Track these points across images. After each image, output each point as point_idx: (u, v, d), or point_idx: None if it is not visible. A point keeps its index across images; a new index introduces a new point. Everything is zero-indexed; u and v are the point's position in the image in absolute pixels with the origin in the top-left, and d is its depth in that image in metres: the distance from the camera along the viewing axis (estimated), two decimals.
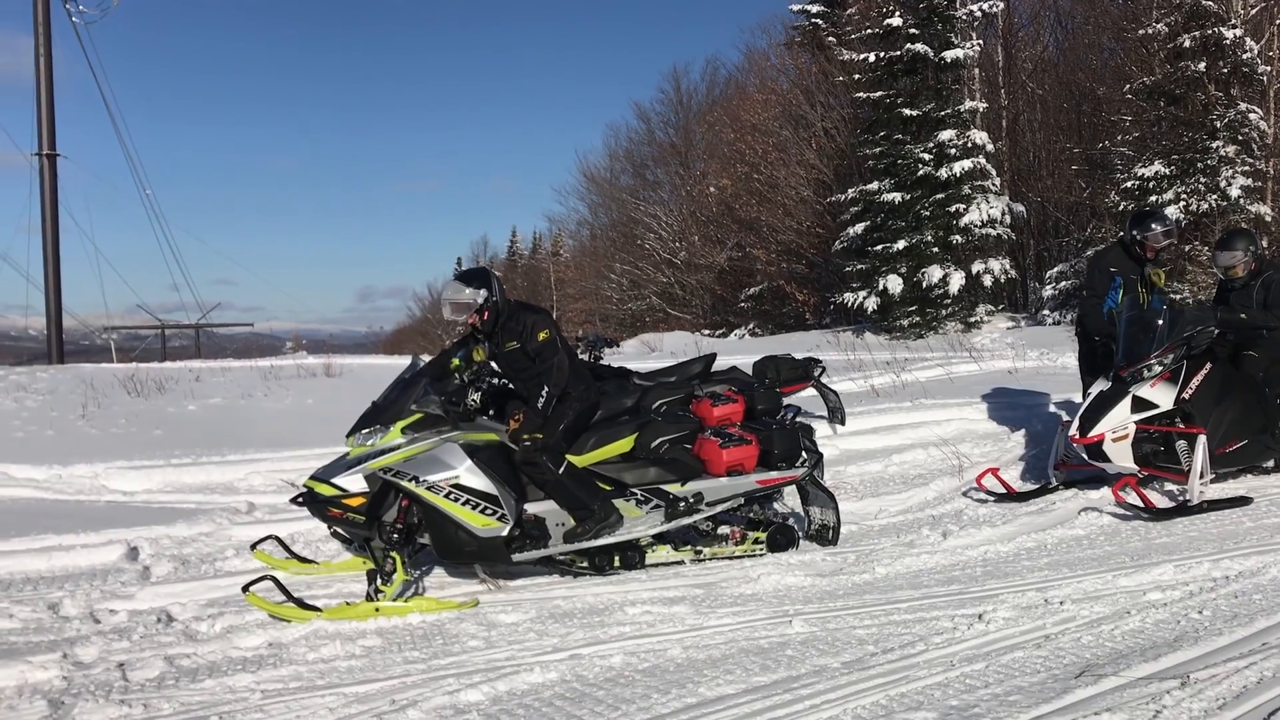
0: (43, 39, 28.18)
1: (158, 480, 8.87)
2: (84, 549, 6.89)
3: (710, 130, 37.58)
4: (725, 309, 33.85)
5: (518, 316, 6.34)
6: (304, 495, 6.03)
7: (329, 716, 4.28)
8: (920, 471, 8.94)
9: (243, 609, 5.74)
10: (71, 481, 8.80)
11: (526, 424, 6.16)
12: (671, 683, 4.46)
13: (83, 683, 4.74)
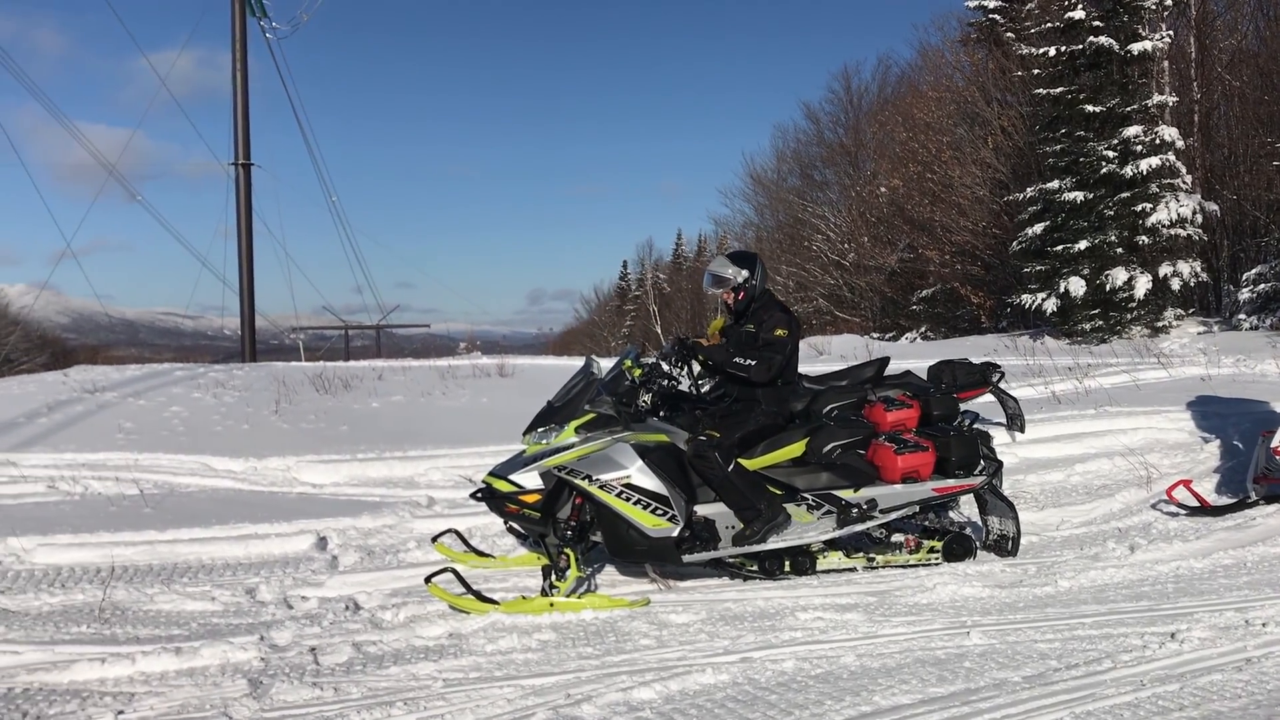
0: (239, 55, 29.88)
1: (344, 474, 9.28)
2: (278, 538, 7.27)
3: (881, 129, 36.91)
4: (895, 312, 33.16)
5: (768, 307, 6.57)
6: (483, 491, 6.22)
7: (506, 707, 4.39)
8: (1105, 482, 8.55)
9: (424, 599, 5.95)
10: (265, 473, 9.30)
11: (711, 350, 6.34)
12: (845, 690, 4.40)
13: (278, 664, 5.00)
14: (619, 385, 6.27)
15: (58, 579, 6.45)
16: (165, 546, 6.99)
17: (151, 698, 4.63)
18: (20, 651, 5.23)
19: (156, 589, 6.28)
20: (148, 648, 5.17)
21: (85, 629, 5.62)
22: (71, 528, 7.23)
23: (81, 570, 6.62)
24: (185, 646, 5.15)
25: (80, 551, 6.88)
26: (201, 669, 4.96)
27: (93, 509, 7.89)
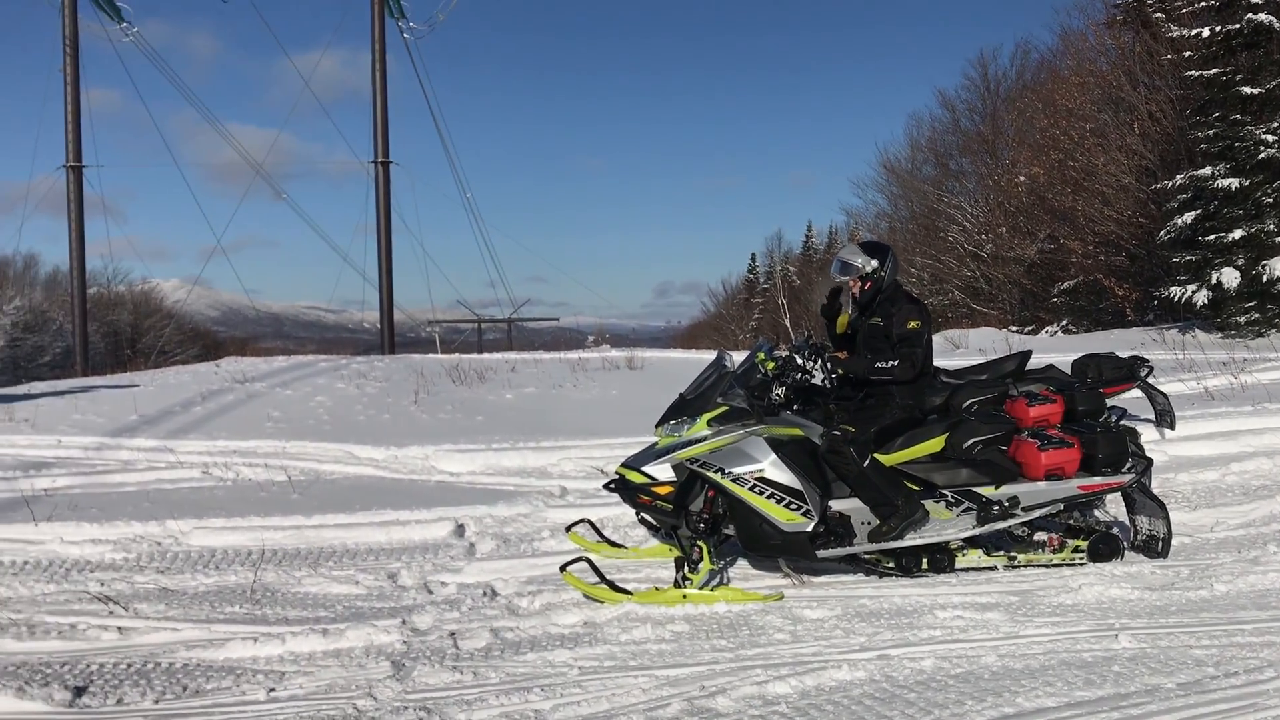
0: (378, 55, 30.75)
1: (480, 463, 9.47)
2: (417, 524, 7.46)
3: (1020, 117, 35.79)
4: (1035, 304, 32.13)
5: (895, 300, 6.47)
6: (615, 482, 6.26)
7: (641, 697, 4.41)
8: (1264, 482, 8.12)
9: (559, 588, 6.03)
10: (406, 462, 9.56)
11: (850, 362, 6.28)
12: (986, 690, 4.29)
13: (420, 648, 5.13)
14: (752, 378, 6.23)
15: (212, 560, 6.75)
16: (312, 531, 7.25)
17: (300, 676, 4.81)
18: (179, 629, 5.50)
19: (304, 572, 6.51)
20: (296, 628, 5.37)
21: (238, 609, 5.86)
22: (225, 512, 7.56)
23: (234, 553, 6.91)
24: (332, 628, 5.34)
25: (233, 535, 7.18)
26: (347, 650, 5.12)
27: (244, 494, 8.23)
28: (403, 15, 33.18)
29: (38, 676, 4.79)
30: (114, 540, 7.03)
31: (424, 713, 4.30)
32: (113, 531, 7.15)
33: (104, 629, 5.50)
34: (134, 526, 7.22)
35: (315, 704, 4.45)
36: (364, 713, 4.34)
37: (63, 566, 6.59)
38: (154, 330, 57.33)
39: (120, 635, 5.44)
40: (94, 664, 5.03)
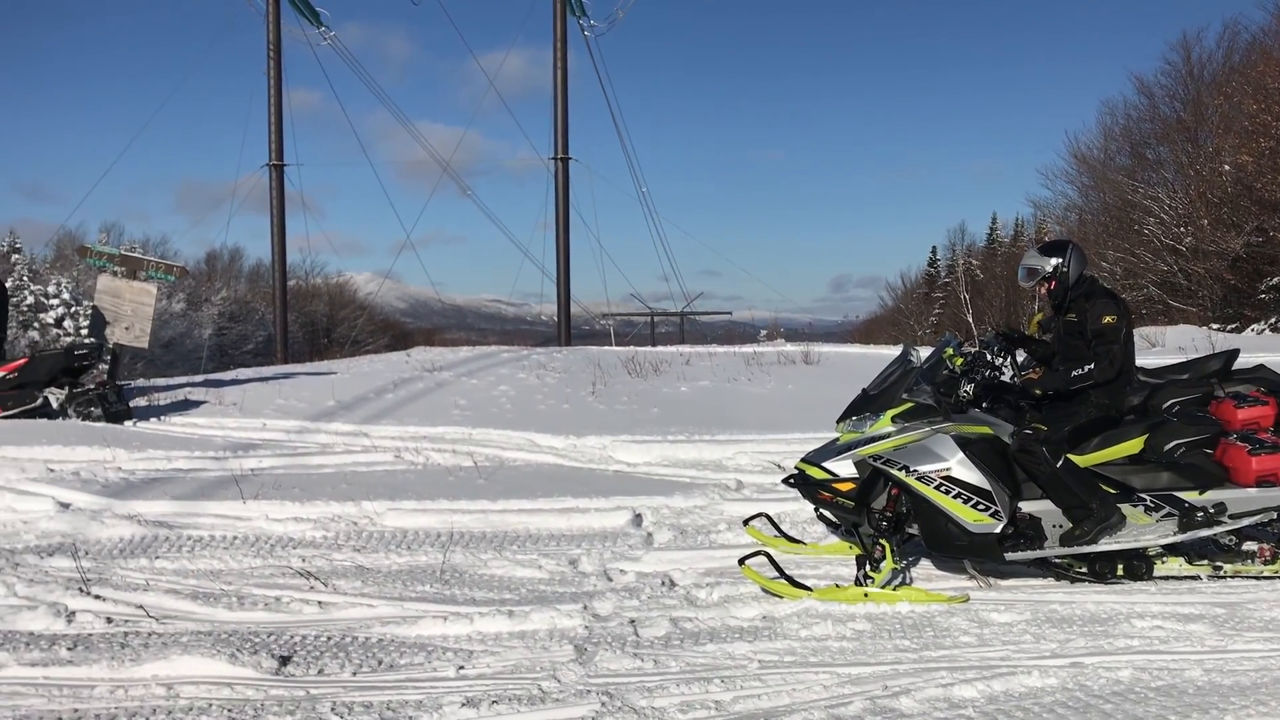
0: (559, 53, 31.35)
1: (656, 454, 9.56)
2: (597, 512, 7.59)
3: (1227, 102, 33.64)
4: (1240, 301, 30.18)
5: (1090, 294, 6.24)
6: (795, 477, 6.21)
7: (822, 694, 4.37)
8: None
9: (737, 581, 6.03)
10: (584, 451, 9.74)
11: (1045, 379, 6.05)
12: (1191, 706, 4.07)
13: (601, 634, 5.22)
14: (938, 374, 6.08)
15: (404, 541, 7.04)
16: (497, 516, 7.47)
17: (488, 656, 4.96)
18: (375, 605, 5.76)
19: (490, 555, 6.72)
20: (484, 609, 5.55)
21: (428, 588, 6.09)
22: (415, 495, 7.87)
23: (424, 534, 7.19)
24: (517, 610, 5.49)
25: (423, 517, 7.47)
26: (532, 633, 5.26)
27: (433, 478, 8.55)
28: (584, 13, 33.72)
29: (247, 645, 5.10)
30: (314, 519, 7.42)
31: (606, 697, 4.37)
32: (313, 510, 7.54)
33: (306, 603, 5.82)
34: (332, 506, 7.60)
35: (502, 683, 4.59)
36: (548, 694, 4.44)
37: (268, 542, 6.98)
38: (347, 321, 60.21)
39: (320, 609, 5.74)
40: (297, 635, 5.32)
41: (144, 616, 5.60)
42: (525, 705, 4.34)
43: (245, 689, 4.60)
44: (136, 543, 6.89)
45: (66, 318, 46.98)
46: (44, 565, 6.42)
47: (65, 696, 4.61)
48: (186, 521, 7.35)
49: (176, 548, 6.81)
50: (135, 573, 6.32)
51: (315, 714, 4.30)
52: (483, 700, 4.38)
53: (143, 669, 4.82)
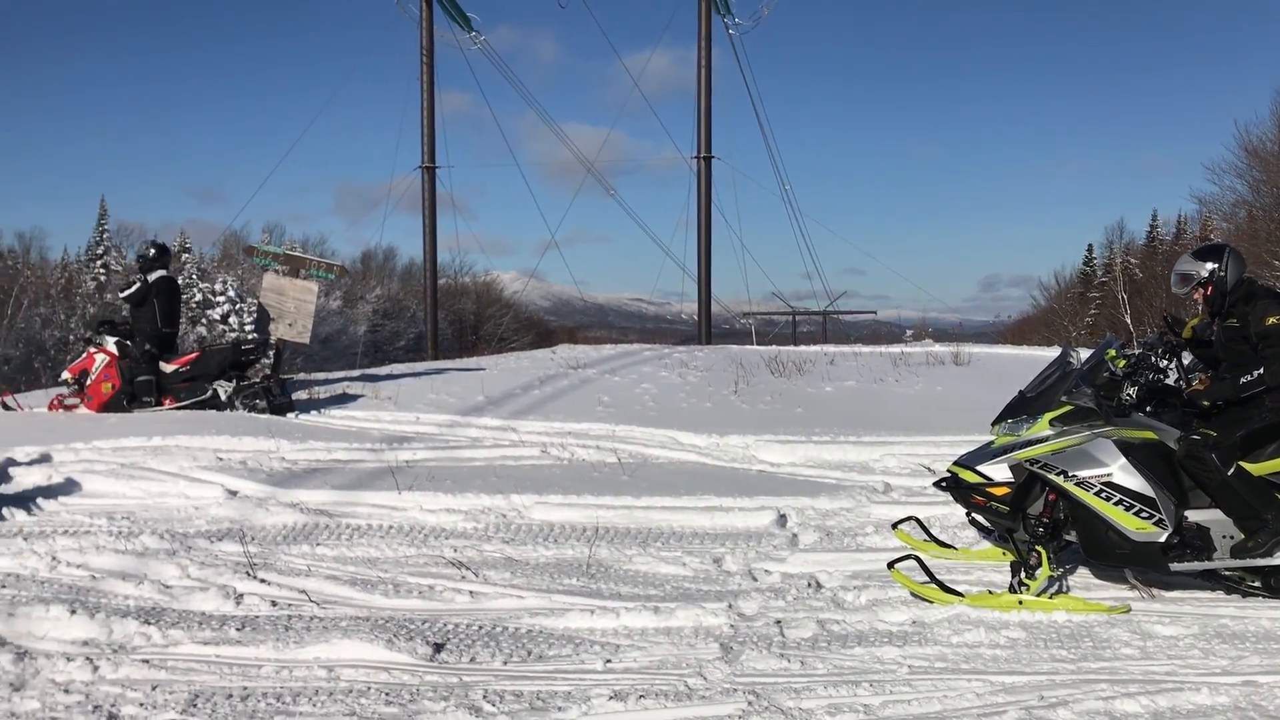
0: (703, 52, 31.37)
1: (800, 455, 9.48)
2: (740, 512, 7.57)
3: None
4: None
5: (1250, 296, 5.86)
6: (948, 480, 6.08)
7: (975, 701, 4.27)
8: None
9: (885, 584, 5.94)
10: (727, 450, 9.73)
11: (1212, 389, 5.73)
12: None
13: (747, 633, 5.21)
14: (1099, 376, 5.85)
15: (551, 534, 7.16)
16: (641, 512, 7.53)
17: (634, 651, 5.01)
18: (524, 597, 5.87)
19: (634, 550, 6.78)
20: (630, 604, 5.60)
21: (575, 581, 6.18)
22: (561, 489, 8.00)
23: (570, 528, 7.30)
24: (662, 606, 5.52)
25: (569, 511, 7.59)
26: (677, 629, 5.29)
27: (578, 473, 8.67)
28: (729, 11, 33.68)
29: (403, 631, 5.27)
30: (465, 510, 7.62)
31: (753, 696, 4.36)
32: (464, 502, 7.74)
33: (458, 592, 5.98)
34: (482, 499, 7.78)
35: (649, 678, 4.62)
36: (694, 691, 4.46)
37: (421, 532, 7.20)
38: (494, 318, 61.56)
39: (472, 599, 5.89)
40: (450, 624, 5.47)
41: (306, 601, 5.85)
42: (672, 701, 4.36)
43: (402, 674, 4.75)
44: (299, 530, 7.20)
45: (231, 314, 49.37)
46: (214, 549, 6.76)
47: (235, 674, 4.84)
48: (345, 510, 7.63)
49: (336, 535, 7.08)
50: (298, 558, 6.60)
51: (468, 701, 4.41)
52: (630, 694, 4.42)
53: (306, 651, 5.03)
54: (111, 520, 7.41)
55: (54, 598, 5.86)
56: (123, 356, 11.34)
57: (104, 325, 11.84)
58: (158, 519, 7.47)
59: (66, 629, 5.42)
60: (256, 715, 4.35)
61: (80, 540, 6.91)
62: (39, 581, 6.24)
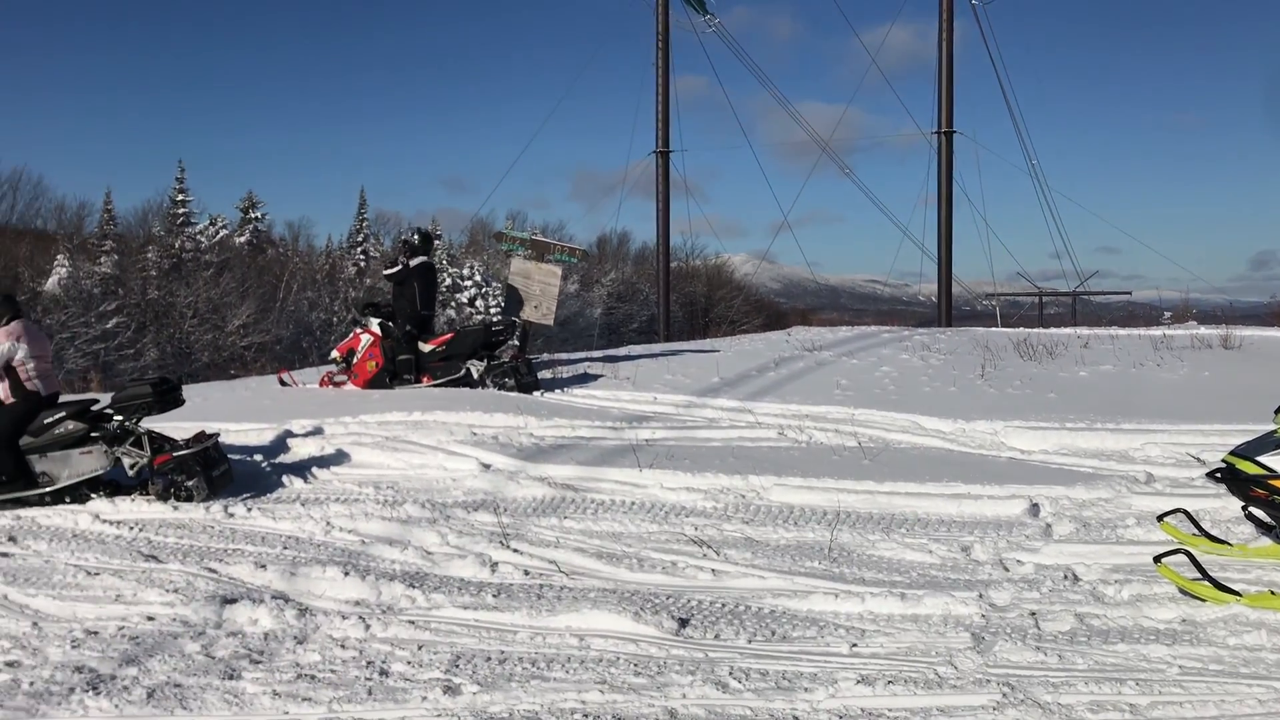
0: (945, 23, 30.31)
1: (1053, 442, 9.04)
2: (989, 500, 7.30)
3: None
4: None
5: None
6: (1222, 471, 5.65)
7: (1257, 708, 3.97)
8: None
9: (1149, 579, 5.59)
10: (973, 436, 9.39)
11: None
12: None
13: (999, 624, 5.03)
14: None
15: (790, 516, 7.13)
16: (884, 497, 7.38)
17: (880, 636, 4.93)
18: (765, 577, 5.89)
19: (877, 536, 6.66)
20: (874, 590, 5.52)
21: (816, 564, 6.14)
22: (800, 472, 7.95)
23: (810, 511, 7.24)
24: (909, 593, 5.41)
25: (808, 494, 7.53)
26: (925, 617, 5.16)
27: (817, 456, 8.59)
28: None
29: (649, 605, 5.38)
30: (704, 490, 7.69)
31: (1007, 688, 4.21)
32: (703, 482, 7.82)
33: (700, 569, 6.05)
34: (721, 479, 7.84)
35: (896, 664, 4.54)
36: (945, 680, 4.34)
37: (662, 509, 7.32)
38: (724, 300, 61.83)
39: (714, 576, 5.95)
40: (693, 600, 5.55)
41: (556, 571, 6.07)
42: (921, 688, 4.27)
43: (649, 646, 4.86)
44: (547, 503, 7.47)
45: (478, 297, 51.73)
46: (470, 519, 7.12)
47: (492, 638, 5.09)
48: (589, 485, 7.86)
49: (581, 509, 7.30)
50: (547, 530, 6.85)
51: (714, 677, 4.46)
52: (878, 679, 4.36)
53: (557, 619, 5.22)
54: (378, 489, 7.93)
55: (329, 560, 6.33)
56: (385, 337, 12.07)
57: (369, 308, 12.63)
58: (419, 489, 7.93)
59: (341, 589, 5.85)
60: (514, 678, 4.56)
61: (350, 507, 7.43)
62: (315, 544, 6.75)
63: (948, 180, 30.89)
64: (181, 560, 6.41)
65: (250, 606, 5.48)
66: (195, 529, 7.10)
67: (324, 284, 51.11)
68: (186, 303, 41.71)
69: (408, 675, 4.65)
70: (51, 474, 7.79)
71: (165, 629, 5.30)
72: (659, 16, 32.75)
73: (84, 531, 7.12)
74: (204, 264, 46.43)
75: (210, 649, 5.00)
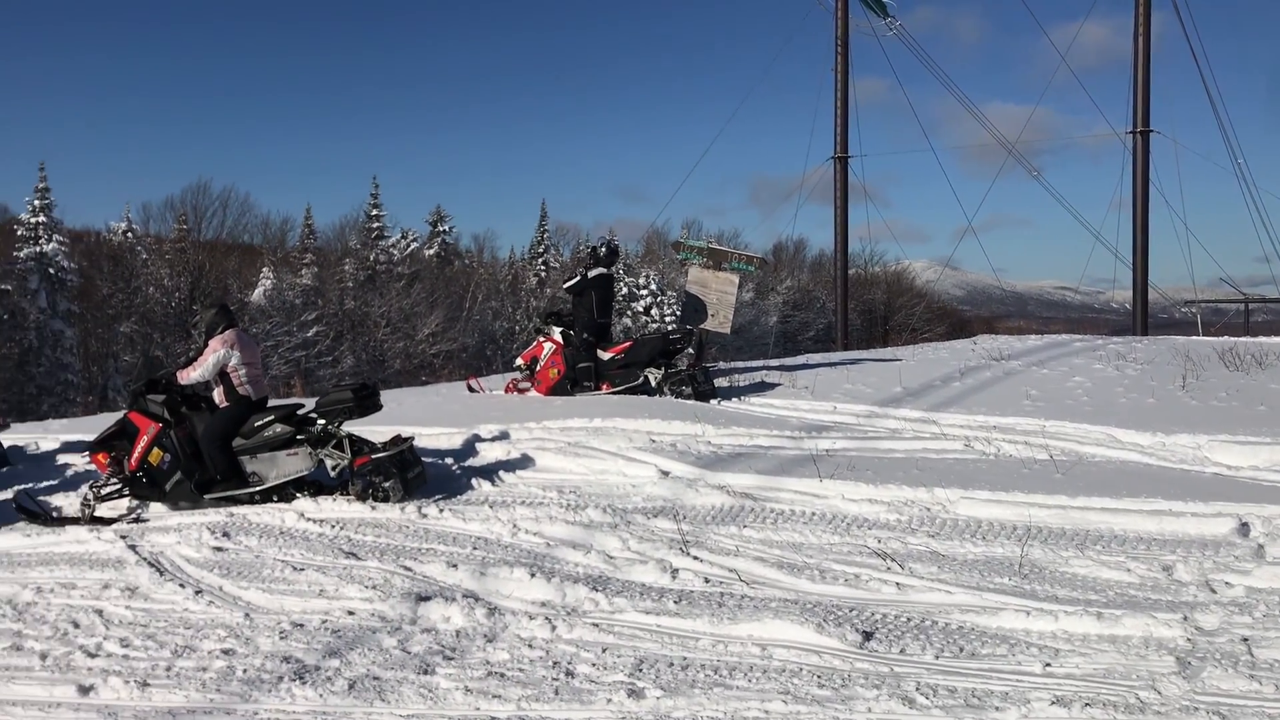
0: (1142, 18, 28.90)
1: (1264, 458, 8.49)
2: (1193, 517, 6.91)
3: None
4: None
5: None
6: None
7: None
8: None
9: None
10: (1174, 450, 8.91)
11: None
12: None
13: (1206, 648, 4.77)
14: None
15: (978, 531, 6.93)
16: (1077, 513, 7.08)
17: (1075, 656, 4.74)
18: (952, 592, 5.74)
19: (1070, 553, 6.40)
20: (1068, 608, 5.31)
21: (1006, 580, 5.94)
22: (988, 485, 7.71)
23: (999, 525, 7.02)
24: (1105, 613, 5.18)
25: (997, 508, 7.29)
26: (1124, 638, 4.94)
27: (1005, 469, 8.32)
28: None
29: (831, 617, 5.33)
30: (887, 502, 7.56)
31: (1217, 717, 3.99)
32: (885, 494, 7.68)
33: (883, 582, 5.95)
34: (904, 491, 7.68)
35: (1094, 686, 4.36)
36: (1148, 705, 4.15)
37: (843, 521, 7.23)
38: (905, 308, 60.55)
39: (898, 590, 5.84)
40: (877, 613, 5.46)
41: (736, 580, 6.08)
42: (1122, 712, 4.09)
43: (832, 658, 4.82)
44: (726, 511, 7.49)
45: (653, 306, 52.28)
46: (650, 525, 7.20)
47: (674, 644, 5.14)
48: (768, 495, 7.84)
49: (761, 519, 7.29)
50: (726, 539, 6.87)
51: (900, 691, 4.38)
52: (1073, 701, 4.20)
53: (739, 628, 5.23)
54: (561, 493, 8.11)
55: (516, 561, 6.52)
56: (566, 345, 12.35)
57: (551, 317, 12.96)
58: (600, 494, 8.07)
59: (527, 590, 6.02)
60: (696, 685, 4.59)
61: (535, 510, 7.63)
62: (503, 545, 6.97)
63: (1144, 181, 29.44)
64: (379, 558, 6.72)
65: (443, 604, 5.71)
66: (391, 528, 7.42)
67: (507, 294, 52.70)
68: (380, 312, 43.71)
69: (593, 677, 4.75)
70: (261, 474, 8.29)
71: (364, 624, 5.57)
72: (838, 21, 32.40)
73: (290, 529, 7.55)
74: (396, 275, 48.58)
75: (406, 644, 5.23)
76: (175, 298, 40.74)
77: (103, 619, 5.85)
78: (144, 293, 40.90)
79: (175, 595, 6.18)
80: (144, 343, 38.67)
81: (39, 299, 39.02)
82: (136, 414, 8.39)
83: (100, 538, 7.44)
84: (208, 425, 8.33)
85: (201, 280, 41.21)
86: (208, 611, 5.91)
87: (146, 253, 44.43)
